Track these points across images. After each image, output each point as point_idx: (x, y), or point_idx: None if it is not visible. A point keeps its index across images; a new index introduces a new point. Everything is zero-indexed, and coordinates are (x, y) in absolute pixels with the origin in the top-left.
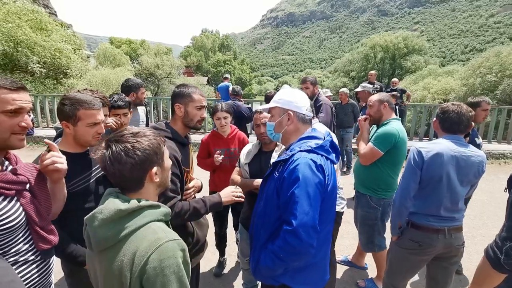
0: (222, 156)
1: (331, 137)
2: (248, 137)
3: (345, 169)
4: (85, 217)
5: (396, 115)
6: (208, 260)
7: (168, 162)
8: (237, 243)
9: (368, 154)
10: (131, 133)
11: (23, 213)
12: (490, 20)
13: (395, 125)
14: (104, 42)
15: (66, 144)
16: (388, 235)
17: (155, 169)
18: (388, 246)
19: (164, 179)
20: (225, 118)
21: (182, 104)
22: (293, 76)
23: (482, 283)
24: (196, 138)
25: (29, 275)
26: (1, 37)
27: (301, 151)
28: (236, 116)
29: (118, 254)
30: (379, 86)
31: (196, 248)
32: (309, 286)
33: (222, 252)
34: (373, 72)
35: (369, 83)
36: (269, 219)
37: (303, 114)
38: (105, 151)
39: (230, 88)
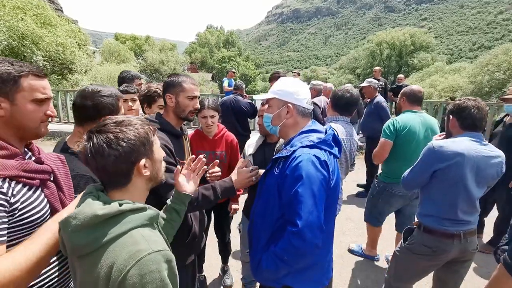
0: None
1: (333, 131)
2: (250, 133)
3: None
4: (59, 221)
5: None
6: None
7: (159, 153)
8: (239, 232)
9: (378, 147)
10: (114, 122)
11: (48, 205)
12: (499, 17)
13: (400, 117)
14: (109, 38)
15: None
16: (392, 241)
17: (143, 161)
18: (375, 225)
19: (156, 172)
20: (212, 117)
21: (172, 94)
22: (298, 74)
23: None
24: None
25: (47, 274)
26: (6, 32)
27: (303, 146)
28: (235, 111)
29: (94, 265)
30: (383, 83)
31: (192, 243)
32: (313, 285)
33: (225, 259)
34: (377, 68)
35: (374, 79)
36: (270, 218)
37: (304, 107)
38: (86, 143)
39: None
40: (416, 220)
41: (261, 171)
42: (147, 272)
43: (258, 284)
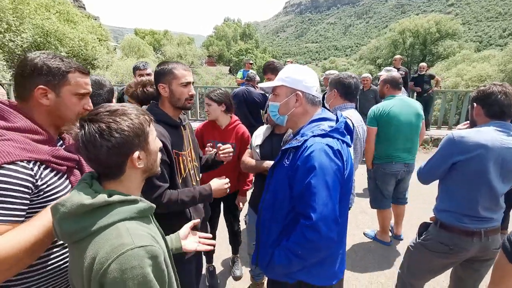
0: (215, 150)
1: (344, 118)
2: (263, 125)
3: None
4: (50, 206)
5: (425, 102)
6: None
7: (155, 145)
8: (245, 223)
9: (367, 135)
10: (107, 111)
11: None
12: None
13: (384, 102)
14: (129, 34)
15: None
16: (408, 234)
17: (137, 153)
18: (380, 207)
19: (151, 164)
20: (208, 104)
21: (165, 83)
22: (316, 65)
23: (499, 282)
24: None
25: (53, 256)
26: (33, 30)
27: (314, 135)
28: (248, 102)
29: (81, 254)
30: (403, 72)
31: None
32: (327, 279)
33: (209, 258)
34: (397, 56)
35: (394, 68)
36: (280, 212)
37: (313, 95)
38: (78, 131)
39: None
40: (432, 215)
41: (269, 163)
42: (128, 268)
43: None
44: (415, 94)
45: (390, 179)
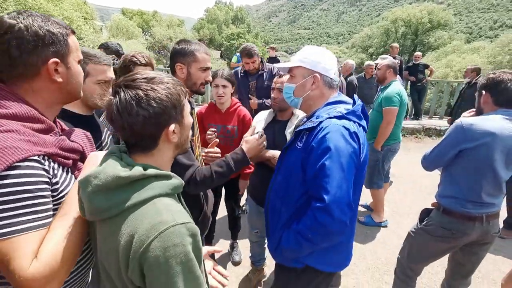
0: (216, 134)
1: (362, 102)
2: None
3: None
4: (78, 179)
5: (418, 92)
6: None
7: (189, 119)
8: (245, 213)
9: (389, 116)
10: (144, 78)
11: None
12: None
13: (396, 85)
14: (116, 14)
15: (73, 104)
16: (404, 219)
17: (172, 126)
18: (380, 187)
19: (184, 139)
20: (224, 86)
21: (184, 64)
22: None
23: None
24: None
25: None
26: (14, 6)
27: (330, 117)
28: (243, 84)
29: (114, 232)
30: (399, 61)
31: (203, 222)
32: (335, 266)
33: (234, 235)
34: (395, 44)
35: (390, 56)
36: (291, 195)
37: (331, 78)
38: (112, 97)
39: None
40: (434, 201)
41: (272, 152)
42: (170, 245)
43: (267, 262)
44: (409, 83)
45: (392, 156)
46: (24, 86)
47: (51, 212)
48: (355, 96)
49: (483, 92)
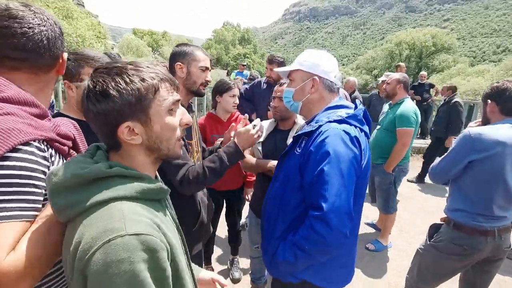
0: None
1: (364, 106)
2: None
3: None
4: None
5: (425, 111)
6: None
7: (166, 120)
8: (245, 228)
9: (405, 137)
10: (106, 68)
11: None
12: None
13: (410, 103)
14: (128, 34)
15: (69, 109)
16: (413, 240)
17: (125, 125)
18: (396, 210)
19: (157, 142)
20: (235, 96)
21: (184, 63)
22: None
23: None
24: None
25: None
26: None
27: (330, 121)
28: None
29: (69, 236)
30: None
31: (200, 231)
32: (334, 282)
33: (206, 260)
34: (402, 64)
35: None
36: (288, 204)
37: (331, 82)
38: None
39: (248, 73)
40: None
41: (274, 163)
42: (114, 260)
43: (267, 280)
44: (414, 102)
45: (403, 178)
46: (46, 76)
47: (39, 205)
48: (357, 101)
49: (488, 101)
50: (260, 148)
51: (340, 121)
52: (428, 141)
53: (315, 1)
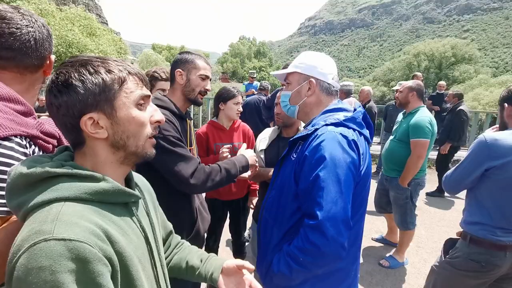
0: (229, 152)
1: (363, 109)
2: None
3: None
4: None
5: (442, 121)
6: None
7: (137, 112)
8: (248, 240)
9: (420, 149)
10: (70, 61)
11: None
12: None
13: (426, 112)
14: (148, 49)
15: None
16: (431, 257)
17: (87, 116)
18: (415, 226)
19: (124, 138)
20: (240, 103)
21: (184, 70)
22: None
23: None
24: None
25: None
26: (56, 40)
27: (327, 124)
28: (259, 111)
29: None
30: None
31: (196, 240)
32: None
33: None
34: (418, 74)
35: None
36: (283, 212)
37: (329, 84)
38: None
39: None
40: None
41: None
42: (35, 267)
43: None
44: (432, 113)
45: (420, 191)
46: (34, 75)
47: None
48: (356, 104)
49: (505, 105)
50: (262, 156)
51: (337, 124)
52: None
53: (330, 15)
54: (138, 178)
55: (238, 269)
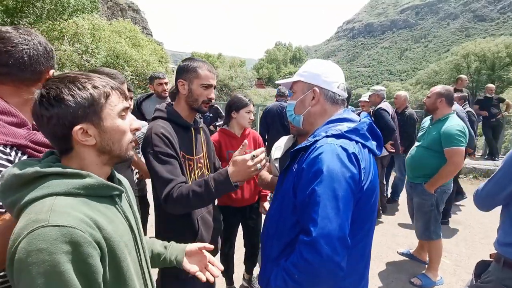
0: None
1: (369, 119)
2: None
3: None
4: None
5: (492, 128)
6: None
7: (120, 122)
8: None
9: (457, 157)
10: (58, 78)
11: None
12: None
13: (456, 120)
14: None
15: None
16: (462, 273)
17: (79, 127)
18: (439, 236)
19: (109, 144)
20: (251, 112)
21: (185, 80)
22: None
23: None
24: None
25: None
26: (105, 52)
27: (327, 136)
28: (281, 117)
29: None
30: (467, 95)
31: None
32: None
33: (229, 280)
34: (463, 76)
35: (455, 90)
36: (284, 224)
37: (333, 93)
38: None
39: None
40: (493, 251)
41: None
42: (34, 250)
43: None
44: (480, 119)
45: (446, 199)
46: (29, 89)
47: None
48: (362, 114)
49: None
50: (277, 164)
51: (338, 136)
52: (498, 163)
53: (369, 17)
54: (120, 177)
55: (199, 250)
